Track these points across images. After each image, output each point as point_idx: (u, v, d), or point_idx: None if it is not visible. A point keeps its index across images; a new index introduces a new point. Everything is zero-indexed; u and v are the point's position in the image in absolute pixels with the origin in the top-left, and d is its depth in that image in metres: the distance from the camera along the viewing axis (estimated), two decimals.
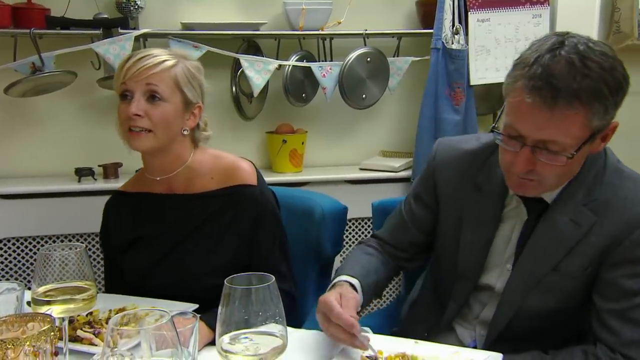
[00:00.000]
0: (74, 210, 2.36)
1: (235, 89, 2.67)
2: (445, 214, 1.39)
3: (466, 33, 2.63)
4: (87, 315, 1.27)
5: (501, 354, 1.11)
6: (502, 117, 1.17)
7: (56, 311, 1.03)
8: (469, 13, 2.62)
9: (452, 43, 2.62)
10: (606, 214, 1.18)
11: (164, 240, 1.49)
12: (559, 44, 1.08)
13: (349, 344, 1.12)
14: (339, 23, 2.63)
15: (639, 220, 1.16)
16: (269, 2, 2.68)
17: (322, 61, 2.66)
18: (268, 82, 2.55)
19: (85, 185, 2.41)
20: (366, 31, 2.64)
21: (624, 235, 1.16)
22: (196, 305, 1.31)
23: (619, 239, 1.16)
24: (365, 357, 1.13)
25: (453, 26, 2.62)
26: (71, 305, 1.04)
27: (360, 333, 1.11)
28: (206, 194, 1.49)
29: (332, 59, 2.67)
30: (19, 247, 2.38)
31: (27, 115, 2.54)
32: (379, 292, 1.39)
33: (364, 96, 2.66)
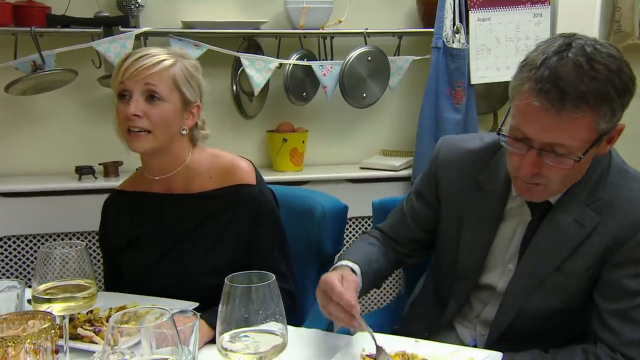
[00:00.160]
0: (75, 209, 2.36)
1: (236, 87, 2.68)
2: (447, 212, 1.38)
3: (467, 32, 2.62)
4: (87, 314, 1.27)
5: (501, 353, 1.11)
6: (507, 119, 1.16)
7: (57, 309, 1.03)
8: (470, 12, 2.61)
9: (453, 42, 2.61)
10: (610, 214, 1.17)
11: (162, 240, 1.49)
12: (565, 46, 1.07)
13: (346, 324, 1.12)
14: (339, 22, 2.63)
15: None
16: (269, 1, 2.67)
17: (323, 60, 2.66)
18: (269, 80, 2.55)
19: (85, 184, 2.41)
20: (367, 30, 2.64)
21: (628, 236, 1.16)
22: (196, 304, 1.31)
23: (623, 239, 1.16)
24: (366, 355, 1.13)
25: (454, 25, 2.61)
26: (72, 303, 1.05)
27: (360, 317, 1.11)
28: (205, 194, 1.48)
29: (332, 58, 2.67)
30: (19, 245, 2.38)
31: (28, 113, 2.55)
32: (378, 282, 1.39)
33: (364, 95, 2.66)
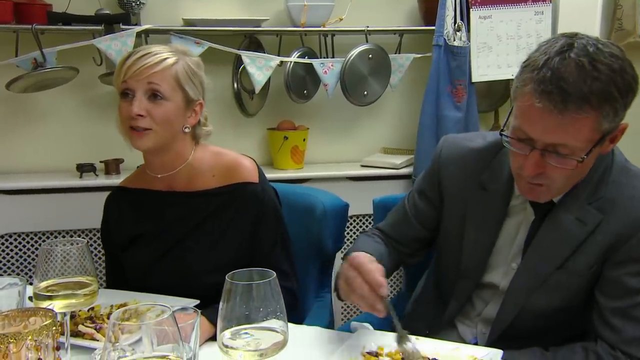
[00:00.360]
0: (76, 206, 2.36)
1: (237, 85, 2.67)
2: (449, 211, 1.38)
3: (468, 30, 2.62)
4: (88, 311, 1.28)
5: (501, 350, 1.11)
6: (510, 119, 1.16)
7: (58, 306, 1.03)
8: (471, 10, 2.61)
9: (454, 40, 2.61)
10: (612, 212, 1.17)
11: (164, 237, 1.49)
12: (567, 46, 1.06)
13: (369, 305, 1.10)
14: (340, 19, 2.63)
15: None
16: None
17: (324, 58, 2.66)
18: (269, 78, 2.55)
19: (86, 181, 2.41)
20: (368, 28, 2.63)
21: (630, 234, 1.16)
22: (197, 301, 1.31)
23: (625, 237, 1.16)
24: (366, 352, 1.14)
25: (455, 23, 2.61)
26: (73, 300, 1.05)
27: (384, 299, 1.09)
28: (207, 192, 1.49)
29: (333, 56, 2.67)
30: (20, 242, 2.38)
31: (29, 111, 2.54)
32: None
33: (365, 93, 2.66)
